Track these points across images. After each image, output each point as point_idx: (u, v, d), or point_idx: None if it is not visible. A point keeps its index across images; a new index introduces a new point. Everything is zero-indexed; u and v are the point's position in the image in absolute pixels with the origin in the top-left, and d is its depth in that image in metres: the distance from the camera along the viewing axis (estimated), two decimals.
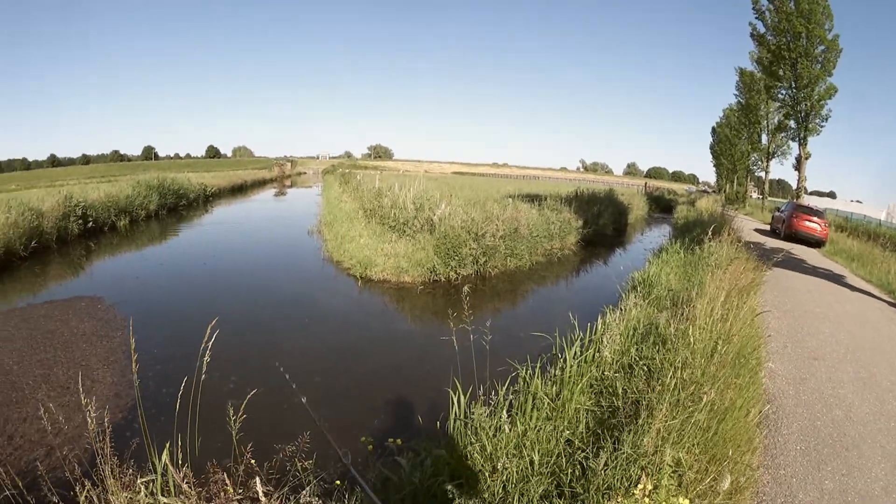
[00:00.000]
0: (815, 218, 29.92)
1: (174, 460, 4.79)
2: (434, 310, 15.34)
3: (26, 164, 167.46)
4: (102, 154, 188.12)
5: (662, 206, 59.67)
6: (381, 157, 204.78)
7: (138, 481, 4.49)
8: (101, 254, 23.60)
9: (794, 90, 38.07)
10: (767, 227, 36.67)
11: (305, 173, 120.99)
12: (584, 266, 23.19)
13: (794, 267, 19.68)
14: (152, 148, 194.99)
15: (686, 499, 4.30)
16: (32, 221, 22.16)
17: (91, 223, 27.40)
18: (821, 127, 37.93)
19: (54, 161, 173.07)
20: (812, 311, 13.55)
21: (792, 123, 42.11)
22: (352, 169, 76.47)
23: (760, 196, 68.38)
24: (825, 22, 35.41)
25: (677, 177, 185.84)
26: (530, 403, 6.32)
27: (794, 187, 41.62)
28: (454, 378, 6.63)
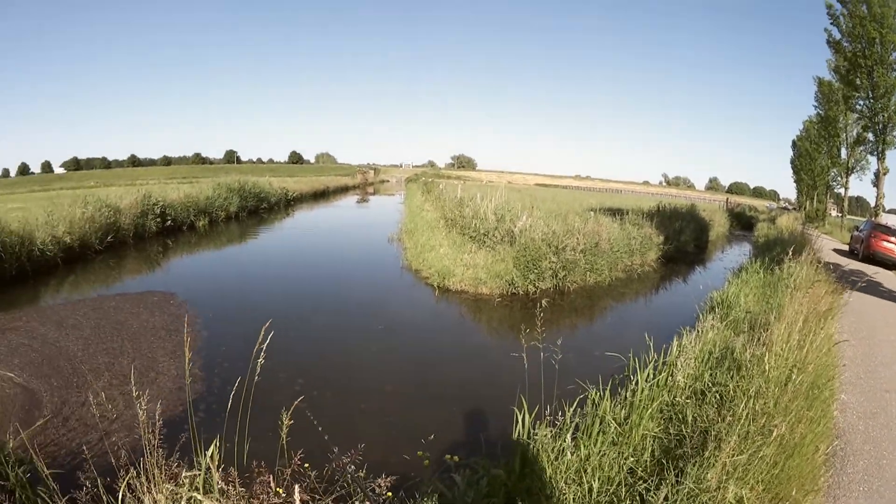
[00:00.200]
0: (894, 238, 28.57)
1: (222, 458, 4.79)
2: (510, 323, 14.90)
3: (106, 164, 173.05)
4: (184, 156, 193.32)
5: (743, 223, 57.41)
6: (465, 167, 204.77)
7: (182, 475, 4.52)
8: (178, 251, 24.27)
9: (872, 100, 36.45)
10: (846, 248, 35.18)
11: (388, 181, 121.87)
12: (664, 284, 22.50)
13: (871, 291, 18.55)
14: (234, 152, 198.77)
15: None
16: (109, 217, 22.93)
17: (170, 222, 28.25)
18: None
19: (134, 161, 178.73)
20: (888, 340, 12.81)
21: (870, 136, 40.61)
22: (434, 178, 76.25)
23: (840, 214, 64.84)
24: None
25: (758, 192, 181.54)
26: (597, 427, 6.06)
27: (873, 205, 40.13)
28: (522, 395, 6.40)
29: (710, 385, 7.12)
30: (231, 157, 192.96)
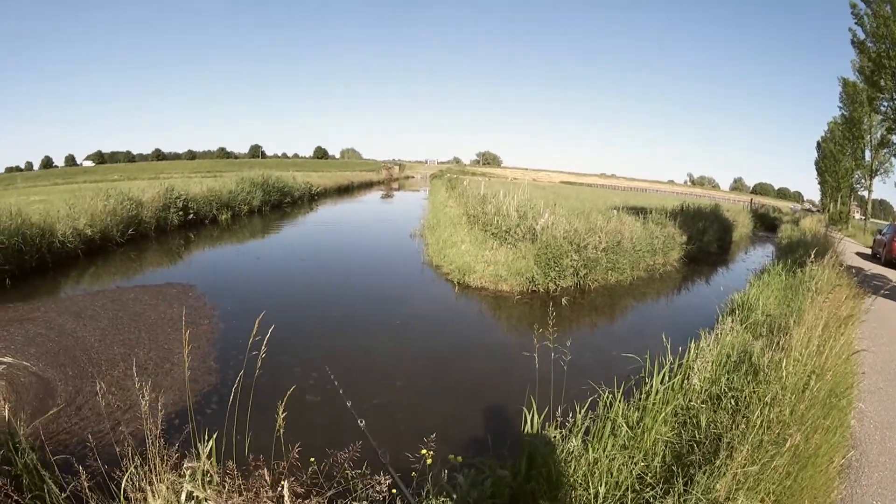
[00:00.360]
0: None
1: (227, 451, 4.90)
2: (530, 321, 14.58)
3: (130, 157, 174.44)
4: (208, 151, 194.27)
5: (767, 225, 56.80)
6: (490, 164, 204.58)
7: (184, 466, 4.52)
8: (200, 245, 24.48)
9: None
10: (869, 251, 34.66)
11: (413, 177, 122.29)
12: (685, 284, 22.23)
13: (894, 296, 18.35)
14: (259, 147, 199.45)
15: None
16: (131, 210, 23.13)
17: (192, 215, 28.58)
18: None
19: (159, 155, 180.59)
20: None
21: (894, 138, 40.12)
22: (459, 175, 76.37)
23: (863, 217, 64.38)
24: None
25: (783, 194, 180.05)
26: (608, 430, 5.95)
27: None
28: (533, 396, 6.31)
29: (727, 390, 6.97)
30: (256, 152, 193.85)
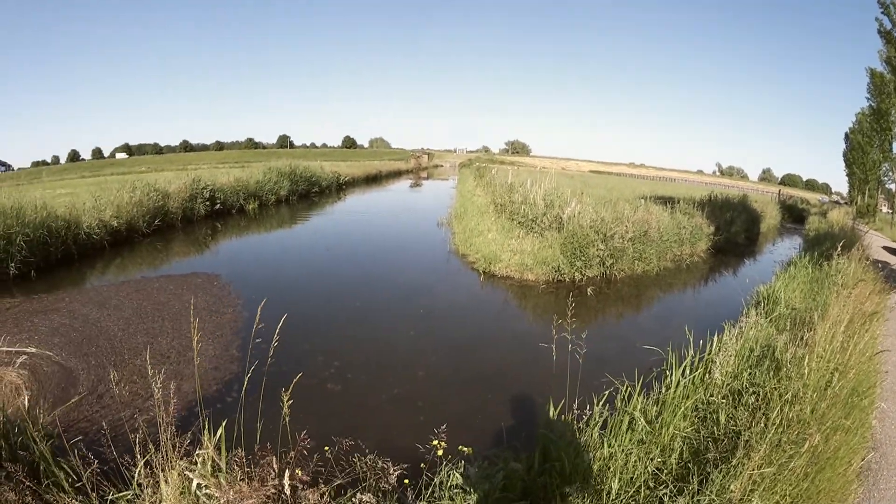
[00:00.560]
0: None
1: (242, 439, 4.92)
2: (556, 310, 14.49)
3: (158, 149, 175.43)
4: (236, 142, 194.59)
5: (795, 216, 56.12)
6: (519, 153, 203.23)
7: (196, 454, 4.59)
8: (226, 234, 24.59)
9: None
10: (895, 245, 33.98)
11: (442, 166, 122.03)
12: (712, 275, 21.89)
13: None
14: (287, 137, 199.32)
15: None
16: (157, 201, 23.40)
17: (219, 205, 28.77)
18: None
19: (186, 147, 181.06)
20: None
21: None
22: (488, 163, 76.31)
23: (890, 210, 63.09)
24: None
25: (811, 185, 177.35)
26: (625, 424, 5.84)
27: None
28: (553, 388, 6.32)
29: (748, 385, 6.87)
30: (284, 142, 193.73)
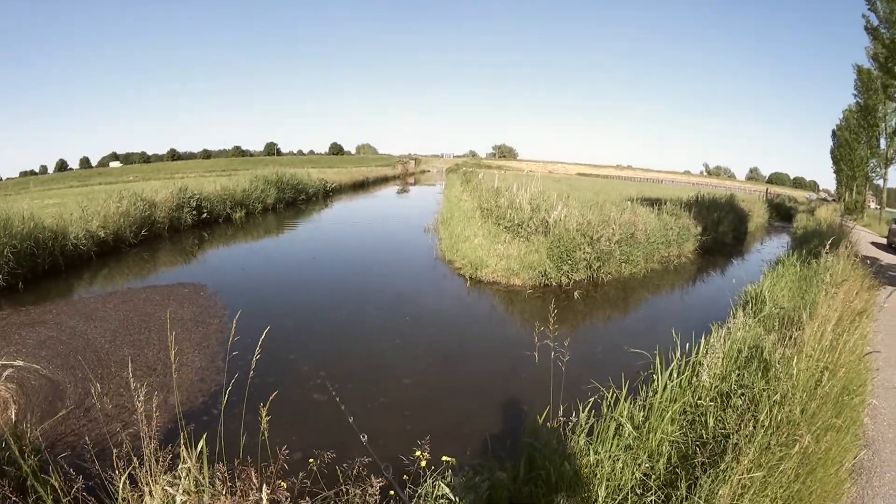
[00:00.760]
0: None
1: (223, 452, 4.81)
2: (542, 315, 14.52)
3: (145, 158, 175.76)
4: (224, 150, 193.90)
5: (782, 214, 56.56)
6: (506, 157, 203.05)
7: (179, 468, 4.56)
8: (213, 244, 24.61)
9: None
10: (884, 241, 33.98)
11: (429, 171, 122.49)
12: (700, 276, 21.94)
13: None
14: (274, 144, 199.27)
15: None
16: (144, 211, 23.32)
17: (206, 214, 28.76)
18: None
19: (174, 155, 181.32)
20: None
21: None
22: (475, 168, 76.78)
23: (878, 206, 63.88)
24: None
25: (798, 183, 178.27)
26: (612, 430, 5.84)
27: None
28: (542, 394, 6.31)
29: (736, 387, 6.85)
30: (271, 150, 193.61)
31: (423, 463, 5.22)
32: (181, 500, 4.38)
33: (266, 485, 4.10)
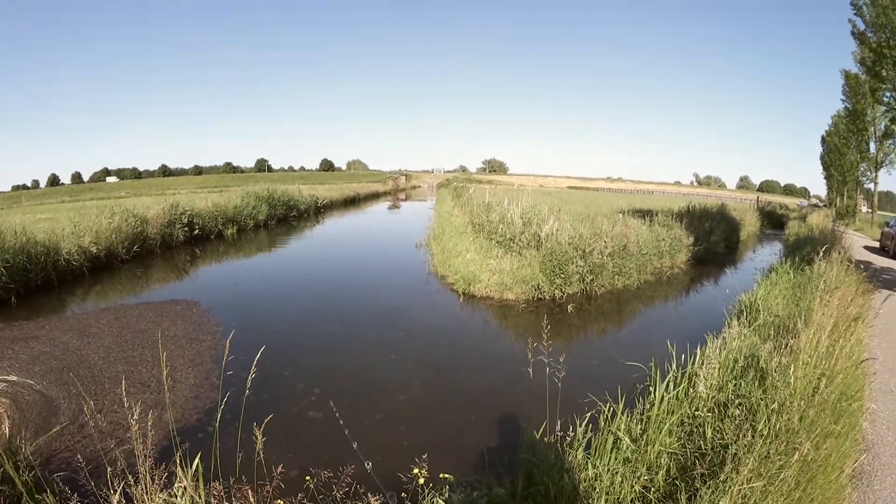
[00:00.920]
0: None
1: (219, 470, 4.84)
2: (536, 330, 14.35)
3: (136, 174, 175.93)
4: (215, 166, 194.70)
5: (774, 222, 56.81)
6: (496, 172, 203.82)
7: (175, 486, 4.51)
8: (205, 260, 24.53)
9: None
10: (877, 244, 34.34)
11: (420, 186, 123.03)
12: (693, 287, 21.93)
13: None
14: (265, 160, 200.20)
15: None
16: (136, 227, 23.28)
17: (197, 231, 28.73)
18: None
19: (165, 171, 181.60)
20: None
21: None
22: (465, 183, 76.99)
23: (870, 210, 64.15)
24: None
25: (789, 190, 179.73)
26: (610, 443, 5.81)
27: None
28: (538, 409, 6.27)
29: (734, 397, 6.82)
30: (262, 166, 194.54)
31: (422, 480, 5.20)
32: None
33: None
